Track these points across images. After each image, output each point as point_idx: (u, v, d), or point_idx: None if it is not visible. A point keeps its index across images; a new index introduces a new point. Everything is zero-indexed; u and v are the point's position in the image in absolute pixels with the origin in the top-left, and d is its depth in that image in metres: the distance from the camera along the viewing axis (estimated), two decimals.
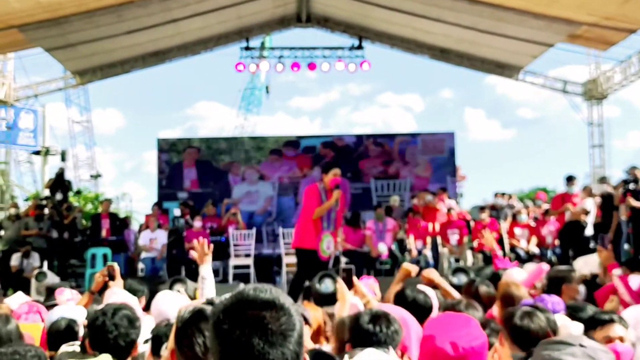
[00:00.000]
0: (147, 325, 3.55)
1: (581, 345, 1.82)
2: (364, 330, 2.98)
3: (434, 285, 4.95)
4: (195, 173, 17.16)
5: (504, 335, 3.24)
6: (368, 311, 3.20)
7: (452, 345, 2.22)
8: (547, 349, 1.86)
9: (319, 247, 8.58)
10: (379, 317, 3.06)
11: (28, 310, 4.57)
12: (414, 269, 5.24)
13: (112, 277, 4.22)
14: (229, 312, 1.52)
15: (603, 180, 12.48)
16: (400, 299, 4.01)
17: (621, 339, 3.51)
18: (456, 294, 5.06)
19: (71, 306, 4.51)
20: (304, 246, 8.80)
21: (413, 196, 15.49)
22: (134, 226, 15.59)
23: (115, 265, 4.29)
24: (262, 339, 1.47)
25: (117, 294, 3.92)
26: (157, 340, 3.21)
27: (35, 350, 3.00)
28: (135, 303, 3.88)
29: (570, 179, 12.46)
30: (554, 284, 5.17)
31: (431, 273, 5.15)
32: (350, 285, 4.76)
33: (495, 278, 6.15)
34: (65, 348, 3.60)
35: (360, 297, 4.82)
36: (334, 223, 8.70)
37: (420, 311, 3.85)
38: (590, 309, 4.16)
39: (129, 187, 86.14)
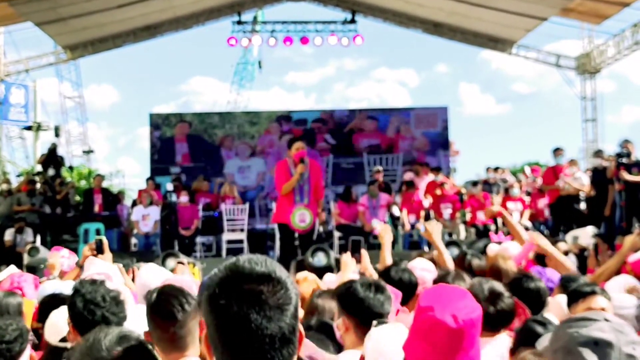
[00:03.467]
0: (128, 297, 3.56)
1: (606, 320, 1.81)
2: (359, 298, 2.98)
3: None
4: (187, 147, 17.10)
5: None
6: (362, 279, 3.20)
7: (453, 318, 2.20)
8: (573, 327, 1.82)
9: (291, 220, 8.66)
10: (372, 285, 3.07)
11: (9, 285, 4.53)
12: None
13: (100, 251, 4.20)
14: (224, 286, 1.49)
15: (598, 153, 12.43)
16: (386, 278, 4.00)
17: (603, 311, 3.52)
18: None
19: (62, 281, 4.50)
20: (279, 221, 8.99)
21: (406, 170, 15.46)
22: (127, 202, 15.56)
23: (104, 239, 4.26)
24: (260, 313, 1.45)
25: (95, 263, 3.91)
26: None
27: (17, 324, 2.97)
28: (116, 272, 3.87)
29: (557, 151, 12.48)
30: (539, 256, 5.20)
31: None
32: (358, 258, 4.77)
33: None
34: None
35: (364, 269, 4.82)
36: (308, 195, 8.72)
37: (406, 289, 3.86)
38: (583, 280, 4.16)
39: (123, 163, 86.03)
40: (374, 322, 2.80)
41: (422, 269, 4.62)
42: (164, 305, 2.58)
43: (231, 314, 1.46)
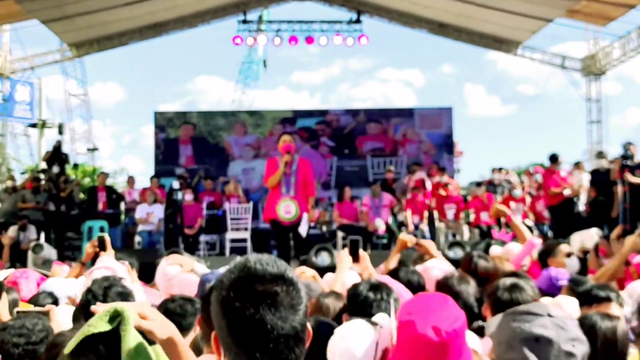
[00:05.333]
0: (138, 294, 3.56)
1: (549, 315, 1.81)
2: (362, 299, 2.97)
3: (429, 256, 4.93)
4: (191, 149, 17.09)
5: (487, 304, 3.31)
6: (367, 280, 3.20)
7: (434, 330, 2.14)
8: (517, 321, 1.83)
9: (277, 212, 8.68)
10: (378, 286, 3.06)
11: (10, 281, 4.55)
12: (410, 239, 5.20)
13: (103, 248, 4.21)
14: (238, 288, 1.50)
15: (600, 155, 12.40)
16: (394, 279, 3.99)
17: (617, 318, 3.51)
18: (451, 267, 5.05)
19: (64, 278, 4.52)
20: (268, 217, 9.05)
21: (410, 171, 15.42)
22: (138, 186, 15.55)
23: (106, 236, 4.27)
24: (275, 314, 1.48)
25: (104, 261, 3.92)
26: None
27: (43, 324, 2.99)
28: (123, 269, 3.88)
29: (554, 159, 12.45)
30: (541, 258, 5.19)
31: (428, 243, 5.09)
32: (356, 256, 4.75)
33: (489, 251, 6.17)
34: None
35: (363, 269, 4.81)
36: (294, 188, 8.74)
37: (415, 292, 3.84)
38: (591, 284, 4.16)
39: (127, 161, 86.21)
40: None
41: (439, 269, 4.60)
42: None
43: (247, 315, 1.47)
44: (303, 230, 8.72)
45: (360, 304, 2.98)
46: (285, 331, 1.48)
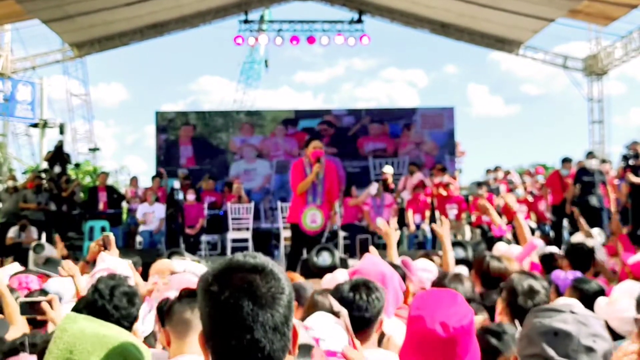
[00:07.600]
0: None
1: (572, 312, 1.82)
2: (343, 299, 3.00)
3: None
4: (192, 150, 17.06)
5: (504, 309, 3.30)
6: (349, 281, 3.23)
7: (442, 326, 2.17)
8: (538, 317, 1.86)
9: (302, 221, 8.63)
10: (358, 286, 3.09)
11: (17, 286, 4.56)
12: (382, 225, 5.23)
13: (107, 247, 4.19)
14: (218, 276, 1.53)
15: (591, 155, 12.20)
16: None
17: None
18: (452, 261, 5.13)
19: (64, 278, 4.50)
20: (290, 221, 9.05)
21: (409, 172, 15.38)
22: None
23: (111, 235, 4.26)
24: (251, 300, 1.48)
25: (106, 260, 3.91)
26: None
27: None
28: (126, 267, 3.86)
29: (566, 161, 12.40)
30: (545, 259, 5.21)
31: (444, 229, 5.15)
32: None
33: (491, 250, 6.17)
34: None
35: None
36: (321, 196, 8.68)
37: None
38: (595, 283, 4.17)
39: (130, 161, 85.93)
40: None
41: (422, 269, 4.61)
42: None
43: (222, 301, 1.49)
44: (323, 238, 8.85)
45: (340, 302, 3.01)
46: (262, 319, 1.48)
